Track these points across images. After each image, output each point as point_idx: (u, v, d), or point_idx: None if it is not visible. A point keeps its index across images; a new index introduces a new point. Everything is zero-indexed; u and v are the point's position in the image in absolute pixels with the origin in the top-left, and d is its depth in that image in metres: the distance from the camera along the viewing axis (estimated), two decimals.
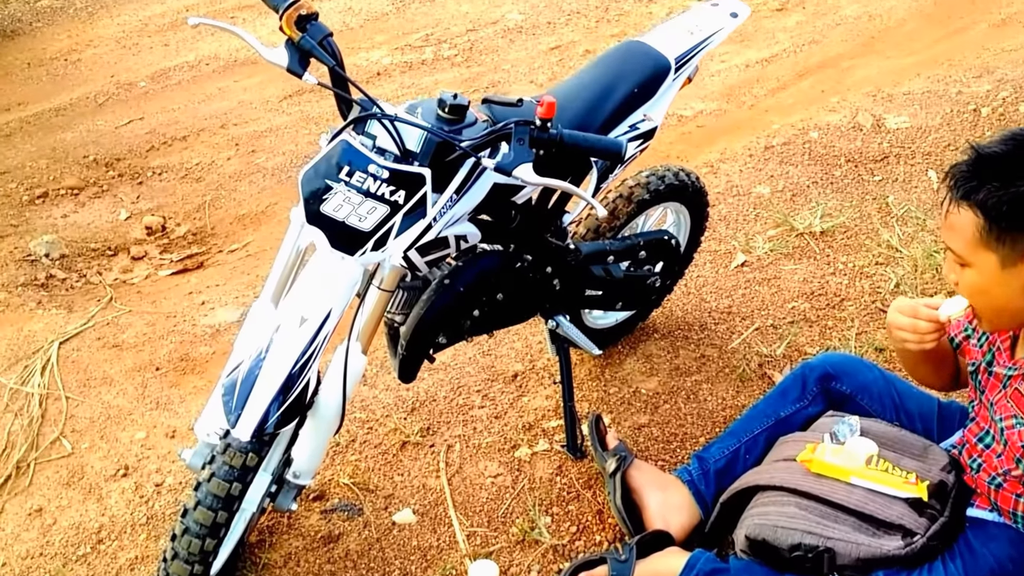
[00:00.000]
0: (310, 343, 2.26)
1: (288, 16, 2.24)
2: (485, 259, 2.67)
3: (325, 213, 2.17)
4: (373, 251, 2.20)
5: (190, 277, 4.24)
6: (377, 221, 2.17)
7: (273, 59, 2.24)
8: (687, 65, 2.98)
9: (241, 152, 5.19)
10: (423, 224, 2.20)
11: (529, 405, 3.33)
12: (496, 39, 6.32)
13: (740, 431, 2.84)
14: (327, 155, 2.19)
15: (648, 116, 2.91)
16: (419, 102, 2.37)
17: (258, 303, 2.48)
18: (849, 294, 3.78)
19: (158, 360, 3.64)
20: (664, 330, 3.65)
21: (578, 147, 2.24)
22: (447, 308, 2.63)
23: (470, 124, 2.31)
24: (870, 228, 4.16)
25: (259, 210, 4.68)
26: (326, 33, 2.26)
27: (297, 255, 2.49)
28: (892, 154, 4.71)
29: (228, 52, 6.37)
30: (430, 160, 2.22)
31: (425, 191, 2.17)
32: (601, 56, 2.96)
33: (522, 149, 2.16)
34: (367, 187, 2.15)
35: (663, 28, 3.04)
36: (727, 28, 3.07)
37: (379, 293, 2.43)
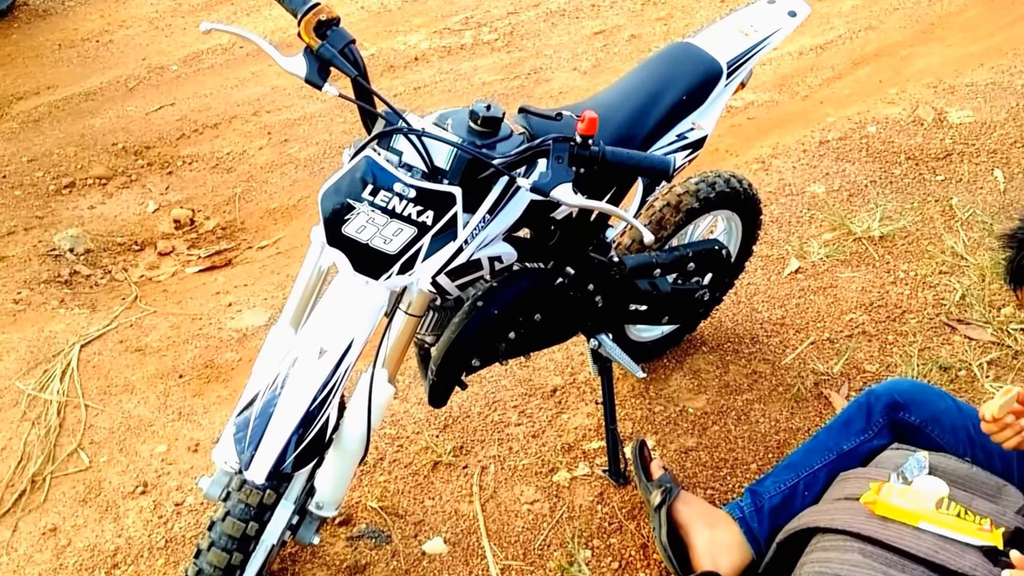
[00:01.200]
0: (330, 377, 2.09)
1: (307, 22, 2.06)
2: (522, 278, 2.48)
3: (347, 235, 2.01)
4: (399, 275, 2.05)
5: (218, 275, 4.09)
6: (403, 243, 2.01)
7: (290, 68, 2.07)
8: (740, 70, 2.77)
9: (273, 141, 5.03)
10: (453, 247, 2.03)
11: (569, 423, 3.15)
12: (538, 22, 6.11)
13: (798, 465, 2.64)
14: (349, 172, 2.02)
15: (697, 125, 2.71)
16: (449, 112, 2.20)
17: (277, 327, 2.32)
18: (911, 306, 3.56)
19: (182, 366, 3.49)
20: (713, 343, 3.45)
21: (622, 165, 2.06)
22: (481, 331, 2.45)
23: (505, 138, 2.14)
24: (933, 233, 3.93)
25: (290, 204, 4.52)
26: (348, 40, 2.08)
27: (319, 276, 2.32)
28: (955, 151, 4.46)
29: (263, 33, 6.19)
30: (461, 178, 2.05)
31: (455, 211, 2.00)
32: (647, 60, 2.75)
33: (561, 168, 1.98)
34: (392, 207, 1.98)
35: (715, 28, 2.83)
36: (785, 29, 2.85)
37: (407, 318, 2.26)
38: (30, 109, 5.45)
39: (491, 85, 5.40)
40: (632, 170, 2.09)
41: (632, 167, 2.07)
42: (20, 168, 4.87)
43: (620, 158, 2.04)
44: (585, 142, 1.99)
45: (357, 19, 6.27)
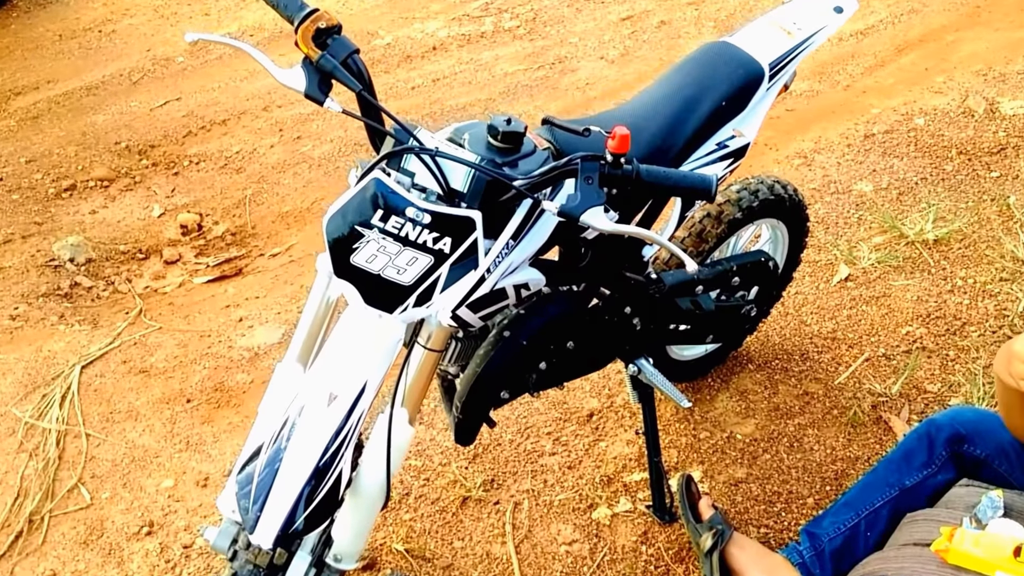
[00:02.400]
0: (342, 426, 1.90)
1: (304, 30, 1.86)
2: (551, 304, 2.28)
3: (356, 265, 1.81)
4: (416, 307, 1.84)
5: (227, 286, 3.89)
6: (419, 273, 1.81)
7: (288, 82, 1.87)
8: (784, 71, 2.55)
9: (285, 139, 4.82)
10: (473, 277, 1.84)
11: (607, 452, 2.95)
12: (561, 8, 5.88)
13: (858, 502, 2.44)
14: (356, 196, 1.81)
15: (738, 132, 2.50)
16: (465, 126, 2.00)
17: (283, 365, 2.11)
18: (971, 317, 3.34)
19: (189, 390, 3.30)
20: (760, 360, 3.24)
21: (659, 185, 1.85)
22: (508, 364, 2.26)
23: (527, 154, 1.94)
24: (991, 236, 3.70)
25: (304, 207, 4.32)
26: (351, 50, 1.88)
27: (327, 309, 2.12)
28: (1010, 145, 4.23)
29: (273, 22, 5.99)
30: (480, 200, 1.86)
31: (475, 238, 1.80)
32: (683, 61, 2.53)
33: (591, 189, 1.78)
34: (405, 234, 1.78)
35: (755, 26, 2.61)
36: (831, 26, 2.63)
37: (426, 352, 2.07)
38: (29, 105, 5.26)
39: (513, 75, 5.18)
40: (670, 190, 1.89)
41: (670, 187, 1.87)
42: (18, 170, 4.69)
43: (656, 178, 1.84)
44: (617, 161, 1.79)
45: (371, 5, 6.06)
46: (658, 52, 5.29)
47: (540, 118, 2.07)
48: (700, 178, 1.84)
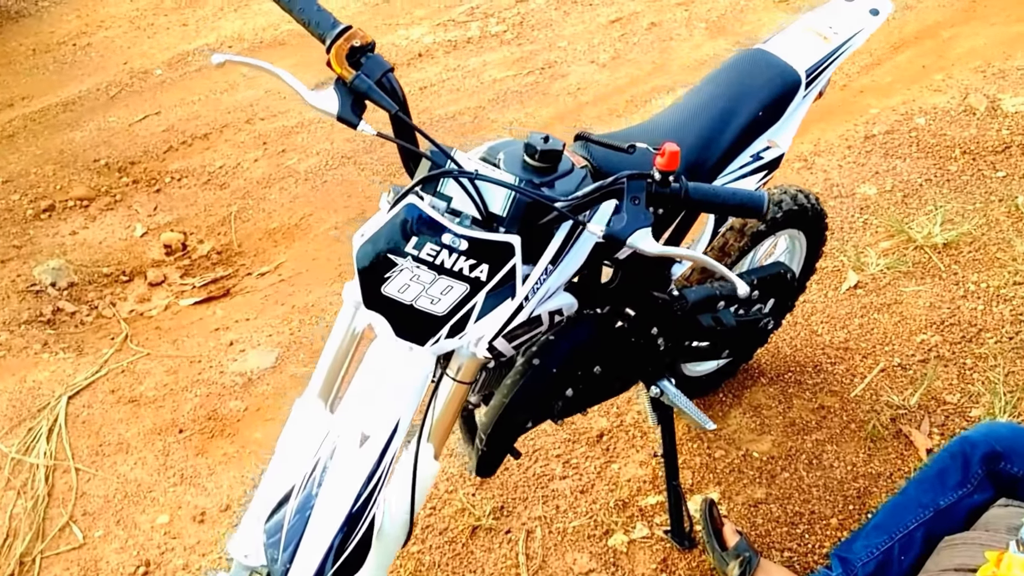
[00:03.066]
0: (375, 469, 1.81)
1: (338, 49, 1.77)
2: (578, 329, 2.20)
3: (388, 295, 1.73)
4: (448, 338, 1.76)
5: (215, 308, 3.79)
6: (454, 303, 1.73)
7: (320, 104, 1.78)
8: (820, 78, 2.47)
9: (270, 152, 4.72)
10: (511, 306, 1.75)
11: (620, 475, 2.87)
12: (549, 11, 5.79)
13: (890, 524, 2.37)
14: (390, 223, 1.73)
15: (773, 143, 2.42)
16: (499, 145, 1.91)
17: (304, 401, 2.01)
18: (987, 323, 3.27)
19: (181, 419, 3.20)
20: (772, 373, 3.16)
21: (707, 204, 1.77)
22: (537, 393, 2.18)
23: (565, 173, 1.85)
24: (1001, 238, 3.64)
25: (292, 223, 4.22)
26: (386, 69, 1.80)
27: (352, 341, 2.02)
28: (1014, 144, 4.17)
29: (253, 32, 5.87)
30: (519, 224, 1.77)
31: (514, 263, 1.71)
32: (717, 71, 2.45)
33: (638, 210, 1.69)
34: (441, 261, 1.70)
35: (790, 32, 2.53)
36: (867, 29, 2.56)
37: (455, 385, 1.98)
38: (4, 123, 5.13)
39: (502, 82, 5.09)
40: (718, 208, 1.81)
41: (719, 205, 1.79)
42: None
43: (705, 196, 1.76)
44: (665, 179, 1.71)
45: (354, 11, 5.95)
46: (650, 55, 5.21)
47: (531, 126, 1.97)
48: (750, 195, 1.76)
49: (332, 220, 4.19)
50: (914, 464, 2.83)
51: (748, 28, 5.38)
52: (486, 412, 2.21)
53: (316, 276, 3.87)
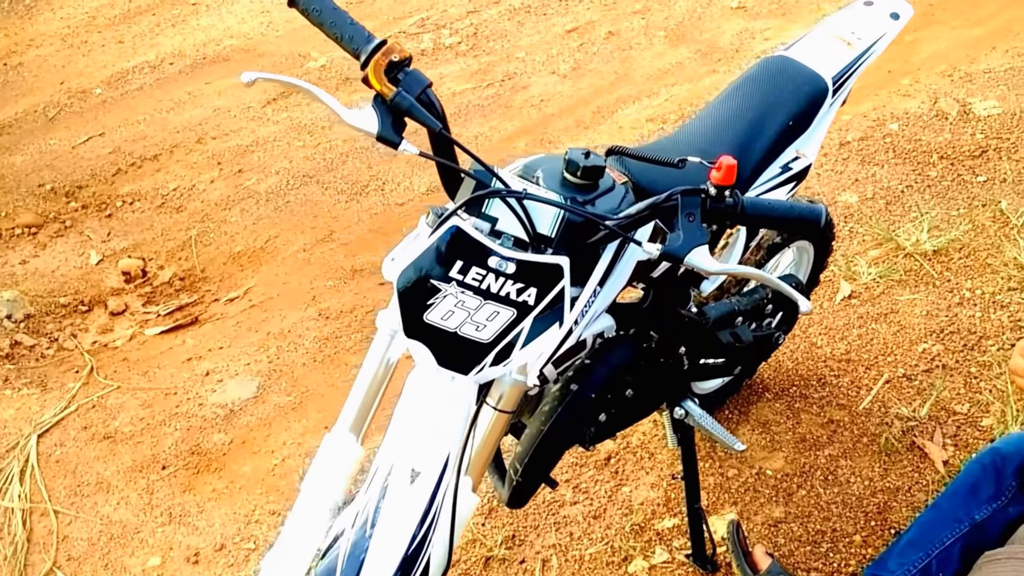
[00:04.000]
0: (428, 508, 1.75)
1: (376, 65, 1.71)
2: (615, 352, 2.17)
3: (431, 323, 1.68)
4: (493, 366, 1.71)
5: (185, 336, 3.68)
6: (500, 329, 1.68)
7: (358, 124, 1.71)
8: (845, 85, 2.47)
9: (226, 173, 4.61)
10: (562, 330, 1.70)
11: (632, 498, 2.83)
12: (502, 21, 5.76)
13: (925, 541, 2.35)
14: (433, 246, 1.67)
15: (801, 153, 2.41)
16: (536, 162, 1.88)
17: (334, 436, 1.94)
18: (987, 330, 3.30)
19: (163, 455, 3.10)
20: (776, 388, 3.16)
21: (763, 218, 1.74)
22: (574, 420, 2.14)
23: (607, 190, 1.83)
24: (990, 243, 3.68)
25: (257, 246, 4.12)
26: (425, 84, 1.74)
27: (387, 371, 1.95)
28: (990, 148, 4.23)
29: (194, 48, 5.75)
30: (567, 245, 1.73)
31: (563, 286, 1.67)
32: (743, 80, 2.43)
33: (694, 227, 1.66)
34: (487, 286, 1.66)
35: (811, 38, 2.53)
36: (890, 34, 2.57)
37: (496, 414, 1.93)
38: None
39: (462, 95, 5.04)
40: (774, 223, 1.79)
41: (777, 220, 1.77)
42: None
43: (761, 210, 1.74)
44: (721, 194, 1.68)
45: (300, 25, 5.84)
46: (611, 65, 5.21)
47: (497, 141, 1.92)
48: (808, 209, 1.74)
49: (300, 242, 4.10)
50: (931, 477, 2.84)
51: (708, 36, 5.41)
52: (522, 441, 2.17)
53: (289, 300, 3.78)
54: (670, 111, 4.74)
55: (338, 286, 3.84)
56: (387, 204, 4.29)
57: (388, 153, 4.59)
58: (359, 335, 3.56)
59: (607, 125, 4.69)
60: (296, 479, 3.01)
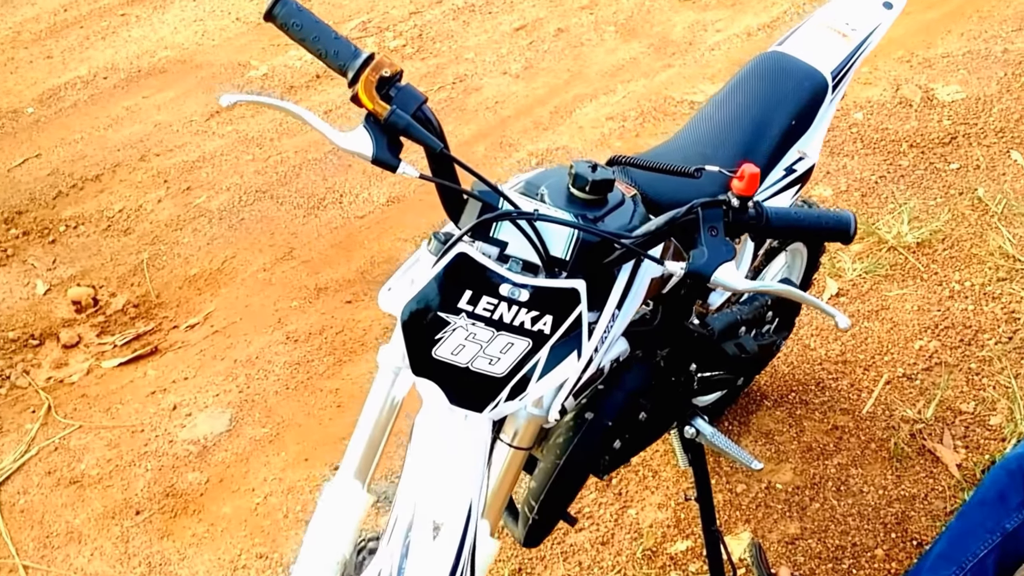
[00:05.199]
0: (456, 562, 1.60)
1: (367, 82, 1.55)
2: (629, 375, 2.03)
3: (441, 359, 1.55)
4: (508, 401, 1.59)
5: (146, 368, 3.47)
6: (515, 361, 1.56)
7: (351, 147, 1.57)
8: (844, 79, 2.37)
9: (173, 191, 4.39)
10: (581, 360, 1.58)
11: (640, 520, 2.71)
12: (447, 22, 5.60)
13: (957, 554, 2.26)
14: (439, 276, 1.53)
15: (803, 153, 2.30)
16: (538, 177, 1.75)
17: (337, 484, 1.78)
18: (982, 323, 3.23)
19: (136, 499, 2.90)
20: (775, 395, 3.05)
21: (790, 229, 1.63)
22: (592, 450, 2.00)
23: (617, 205, 1.71)
24: (972, 233, 3.61)
25: (214, 267, 3.92)
26: (420, 100, 1.60)
27: (392, 412, 1.80)
28: (959, 134, 4.17)
29: (127, 60, 5.50)
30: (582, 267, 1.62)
31: (580, 311, 1.55)
32: (739, 79, 2.31)
33: (718, 242, 1.55)
34: (499, 316, 1.54)
35: (804, 31, 2.41)
36: (884, 24, 2.47)
37: (512, 452, 1.81)
38: None
39: None
40: (801, 234, 1.67)
41: (804, 230, 1.66)
42: None
43: (788, 221, 1.63)
44: (744, 204, 1.55)
45: (235, 33, 5.66)
46: (564, 63, 5.07)
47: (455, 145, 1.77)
48: (835, 217, 1.63)
49: (259, 261, 3.91)
50: (947, 482, 2.75)
51: (659, 29, 5.30)
52: (536, 476, 2.03)
53: (253, 325, 3.60)
54: (629, 108, 4.62)
55: (303, 306, 3.66)
56: (347, 217, 4.11)
57: (343, 163, 4.42)
58: (331, 358, 3.38)
59: (566, 125, 4.56)
60: (280, 518, 2.84)
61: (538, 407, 1.73)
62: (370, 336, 3.45)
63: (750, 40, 5.16)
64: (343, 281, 3.76)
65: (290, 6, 1.59)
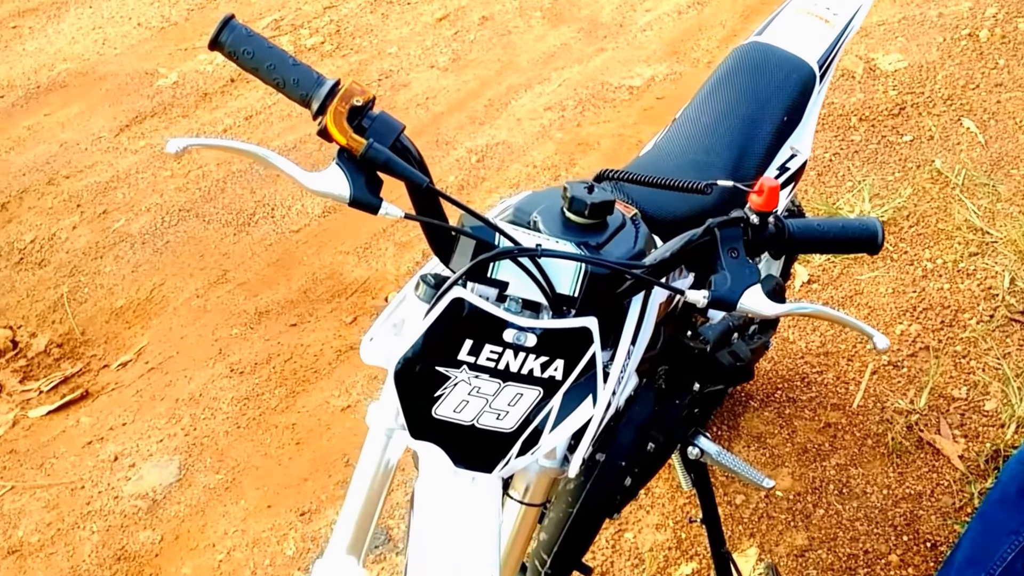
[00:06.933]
0: None
1: (336, 113, 1.34)
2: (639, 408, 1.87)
3: (442, 418, 1.39)
4: (520, 456, 1.44)
5: (78, 415, 3.21)
6: (525, 413, 1.41)
7: (326, 189, 1.36)
8: (830, 68, 2.23)
9: (88, 216, 4.11)
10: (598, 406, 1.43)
11: (639, 544, 2.55)
12: (364, 15, 5.36)
13: (982, 557, 2.16)
14: (434, 327, 1.35)
15: (795, 148, 2.16)
16: (526, 202, 1.57)
17: (327, 562, 1.56)
18: (960, 303, 3.12)
19: (84, 566, 2.66)
20: (760, 395, 2.91)
21: (814, 243, 1.50)
22: (608, 493, 1.84)
23: (618, 228, 1.53)
24: (937, 208, 3.52)
25: (141, 297, 3.65)
26: (398, 129, 1.39)
27: (386, 478, 1.59)
28: (907, 104, 4.08)
29: (24, 76, 5.16)
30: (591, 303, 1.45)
31: (594, 351, 1.39)
32: (722, 75, 2.16)
33: (740, 264, 1.41)
34: (505, 365, 1.38)
35: (786, 19, 2.27)
36: (866, 4, 2.34)
37: (524, 509, 1.65)
38: None
39: None
40: (826, 247, 1.53)
41: (828, 243, 1.52)
42: None
43: (811, 234, 1.50)
44: (764, 221, 1.41)
45: (138, 40, 5.35)
46: (493, 52, 4.88)
47: None
48: (861, 226, 1.50)
49: (190, 287, 3.66)
50: (951, 476, 2.64)
51: (587, 12, 5.14)
52: (547, 527, 1.85)
53: (191, 358, 3.35)
54: (567, 97, 4.45)
55: (245, 333, 3.43)
56: (281, 232, 3.87)
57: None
58: (282, 389, 3.16)
59: (503, 118, 4.37)
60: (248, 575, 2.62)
61: (550, 459, 1.58)
62: (322, 362, 3.23)
63: (681, 19, 5.03)
64: (285, 302, 3.53)
65: (239, 31, 1.36)
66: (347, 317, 3.43)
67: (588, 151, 4.08)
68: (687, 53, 4.74)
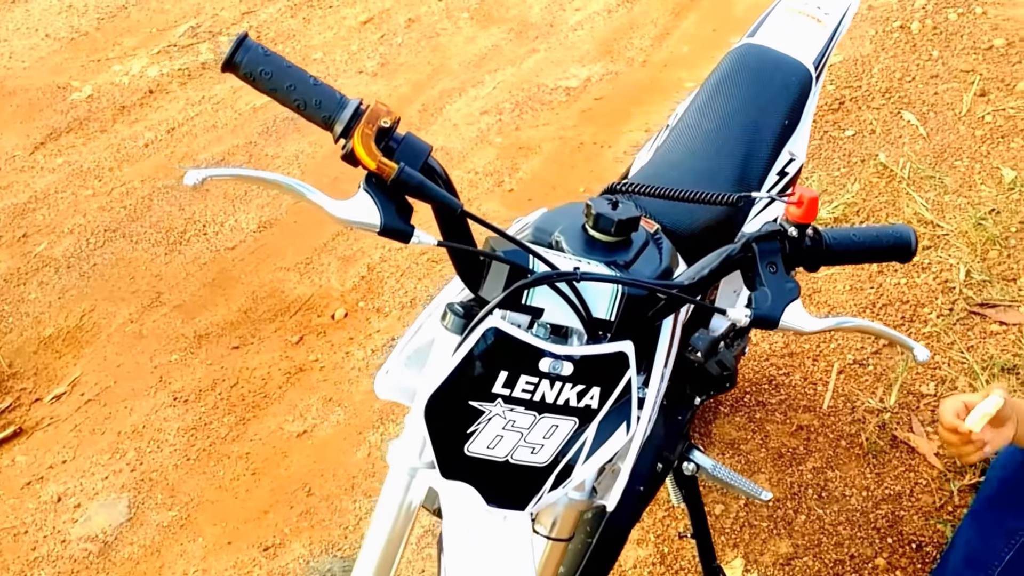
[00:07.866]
0: None
1: (363, 136, 1.24)
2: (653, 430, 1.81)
3: (475, 455, 1.32)
4: (552, 491, 1.38)
5: (13, 454, 3.05)
6: (559, 445, 1.35)
7: (356, 218, 1.25)
8: (824, 68, 2.20)
9: (7, 240, 3.92)
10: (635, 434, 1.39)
11: (622, 559, 2.50)
12: (285, 20, 5.23)
13: (981, 559, 2.16)
14: (467, 359, 1.27)
15: (793, 153, 2.12)
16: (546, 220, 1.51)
17: None
18: (919, 297, 3.12)
19: None
20: (729, 399, 2.87)
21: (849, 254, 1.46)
22: (627, 520, 1.79)
23: (644, 245, 1.48)
24: (886, 201, 3.52)
25: (71, 325, 3.49)
26: (427, 151, 1.29)
27: (408, 519, 1.51)
28: (846, 98, 4.09)
29: None
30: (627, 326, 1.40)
31: (629, 376, 1.33)
32: (718, 80, 2.11)
33: (779, 279, 1.38)
34: (541, 396, 1.31)
35: (777, 19, 2.24)
36: (854, 5, 2.31)
37: (551, 544, 1.58)
38: None
39: (264, 109, 4.51)
40: (861, 256, 1.49)
41: (864, 253, 1.48)
42: None
43: (847, 244, 1.47)
44: (802, 233, 1.37)
45: (48, 52, 5.14)
46: (422, 56, 4.79)
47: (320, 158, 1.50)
48: (895, 234, 1.47)
49: (123, 312, 3.51)
50: (928, 474, 2.63)
51: (515, 12, 5.08)
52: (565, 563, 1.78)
53: (130, 388, 3.21)
54: (503, 100, 4.38)
55: (185, 359, 3.29)
56: (215, 250, 3.74)
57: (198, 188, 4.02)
58: (231, 417, 3.04)
59: (439, 124, 4.28)
60: None
61: (579, 491, 1.51)
62: (271, 386, 3.12)
63: (611, 17, 5.00)
64: (225, 324, 3.40)
65: (255, 51, 1.26)
66: (293, 337, 3.32)
67: (530, 155, 4.01)
68: (621, 52, 4.70)
